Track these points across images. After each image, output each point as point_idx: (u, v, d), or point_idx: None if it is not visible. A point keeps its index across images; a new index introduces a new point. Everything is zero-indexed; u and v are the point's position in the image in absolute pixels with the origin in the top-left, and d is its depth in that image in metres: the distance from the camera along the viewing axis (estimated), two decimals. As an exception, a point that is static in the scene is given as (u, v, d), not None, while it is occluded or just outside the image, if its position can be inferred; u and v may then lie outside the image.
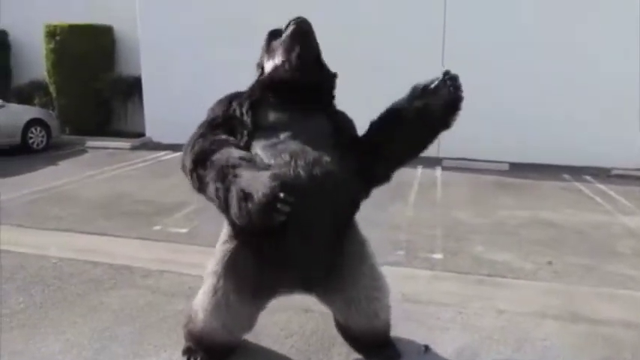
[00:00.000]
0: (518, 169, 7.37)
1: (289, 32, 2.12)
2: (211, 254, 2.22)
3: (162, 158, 8.10)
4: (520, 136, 7.75)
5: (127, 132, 10.03)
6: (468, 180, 6.78)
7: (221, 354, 2.36)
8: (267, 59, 2.20)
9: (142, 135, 9.64)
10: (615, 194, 6.06)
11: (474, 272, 3.62)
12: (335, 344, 2.57)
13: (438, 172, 7.18)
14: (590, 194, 6.09)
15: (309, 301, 2.78)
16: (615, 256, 3.99)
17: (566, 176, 7.04)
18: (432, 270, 3.66)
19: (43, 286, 3.30)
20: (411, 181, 6.40)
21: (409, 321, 2.82)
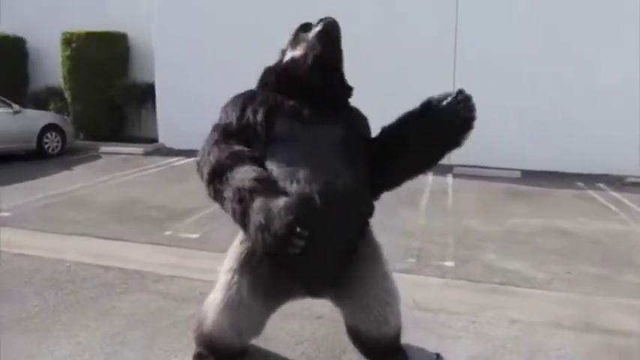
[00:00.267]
0: (531, 176, 7.30)
1: (317, 30, 2.10)
2: (222, 259, 2.23)
3: (174, 164, 8.17)
4: (532, 144, 7.68)
5: (140, 138, 10.15)
6: (479, 187, 6.73)
7: (230, 359, 2.35)
8: (290, 49, 2.20)
9: (154, 141, 9.75)
10: (630, 202, 5.97)
11: (486, 281, 3.59)
12: (346, 351, 2.55)
13: (449, 179, 7.14)
14: (605, 202, 6.00)
15: (321, 307, 2.79)
16: (631, 266, 3.93)
17: (579, 184, 6.96)
18: (444, 278, 3.63)
19: (57, 289, 3.34)
20: (422, 187, 6.38)
21: (420, 329, 2.80)
